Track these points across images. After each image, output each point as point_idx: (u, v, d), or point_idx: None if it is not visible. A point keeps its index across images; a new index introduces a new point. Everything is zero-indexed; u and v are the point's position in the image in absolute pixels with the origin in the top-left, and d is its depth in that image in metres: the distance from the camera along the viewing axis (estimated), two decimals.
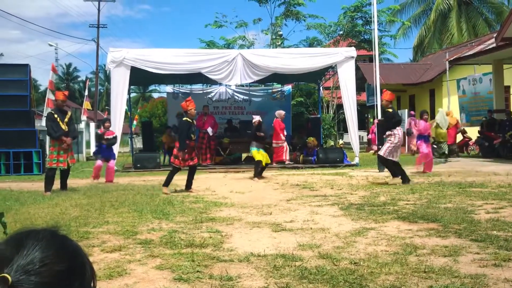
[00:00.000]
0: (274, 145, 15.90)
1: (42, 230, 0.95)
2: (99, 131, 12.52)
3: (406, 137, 23.91)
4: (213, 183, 11.54)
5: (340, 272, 3.86)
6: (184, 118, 9.71)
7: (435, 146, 18.88)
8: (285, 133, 16.37)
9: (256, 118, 12.26)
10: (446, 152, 19.16)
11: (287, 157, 16.27)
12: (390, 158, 10.31)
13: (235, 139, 16.82)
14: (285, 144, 16.31)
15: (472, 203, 7.26)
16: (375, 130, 15.68)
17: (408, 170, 13.29)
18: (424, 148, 12.68)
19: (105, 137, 11.95)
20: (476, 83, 20.19)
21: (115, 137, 12.28)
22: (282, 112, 15.89)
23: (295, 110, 29.09)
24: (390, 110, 10.55)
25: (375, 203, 7.56)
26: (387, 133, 10.36)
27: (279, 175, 13.22)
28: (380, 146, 11.40)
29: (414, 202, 7.63)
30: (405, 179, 10.19)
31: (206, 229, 5.78)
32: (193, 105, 9.79)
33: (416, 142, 12.75)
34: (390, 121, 10.30)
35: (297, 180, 11.60)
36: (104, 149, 12.00)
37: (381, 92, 11.27)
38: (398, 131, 10.28)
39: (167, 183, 9.60)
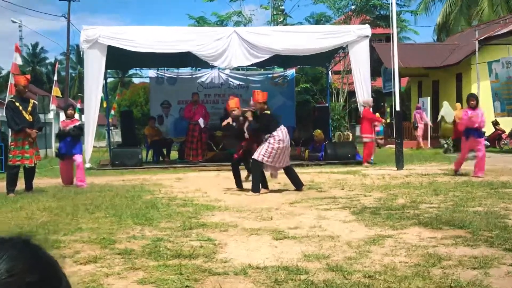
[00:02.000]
0: (364, 139, 15.78)
1: (13, 238, 0.97)
2: (60, 125, 11.44)
3: (413, 130, 24.27)
4: (204, 183, 11.53)
5: (352, 287, 3.87)
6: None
7: (445, 142, 19.23)
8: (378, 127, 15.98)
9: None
10: (451, 148, 19.43)
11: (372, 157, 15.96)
12: (267, 164, 9.60)
13: (230, 132, 16.86)
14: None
15: (505, 207, 7.28)
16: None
17: (432, 168, 13.33)
18: (480, 147, 11.32)
19: (66, 128, 10.99)
20: (510, 66, 20.19)
21: (79, 128, 11.25)
22: (370, 99, 15.77)
23: (299, 98, 29.05)
24: (268, 112, 9.94)
25: (392, 207, 7.58)
26: (266, 136, 9.61)
27: (280, 174, 13.23)
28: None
29: (438, 205, 7.65)
30: (256, 189, 9.55)
31: (196, 237, 5.78)
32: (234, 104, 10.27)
33: (466, 138, 11.40)
34: (270, 124, 9.68)
35: (302, 180, 11.60)
36: (68, 143, 11.07)
37: (253, 95, 10.33)
38: (279, 133, 9.56)
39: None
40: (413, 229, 6.00)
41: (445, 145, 19.59)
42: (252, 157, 9.70)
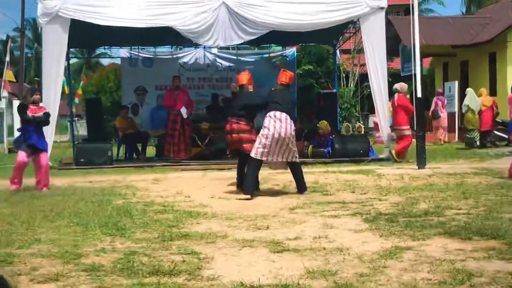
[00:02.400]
0: (397, 132, 15.79)
1: None
2: (29, 113, 10.97)
3: (433, 121, 24.44)
4: (188, 185, 11.53)
5: None
6: None
7: (467, 135, 19.43)
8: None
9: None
10: (478, 141, 19.76)
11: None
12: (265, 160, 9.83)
13: (218, 123, 16.77)
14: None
15: None
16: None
17: (461, 166, 13.37)
18: None
19: (32, 115, 10.85)
20: None
21: (47, 115, 11.14)
22: (405, 85, 15.86)
23: (301, 82, 29.11)
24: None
25: (412, 213, 7.59)
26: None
27: (278, 174, 13.23)
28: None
29: (468, 211, 7.67)
30: (249, 189, 9.71)
31: (177, 250, 5.78)
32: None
33: None
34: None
35: (305, 181, 11.62)
36: (31, 133, 10.84)
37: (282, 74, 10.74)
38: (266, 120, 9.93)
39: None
40: (437, 239, 6.02)
41: (469, 139, 19.82)
42: (250, 155, 9.87)
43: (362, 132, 18.38)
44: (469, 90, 19.77)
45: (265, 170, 14.01)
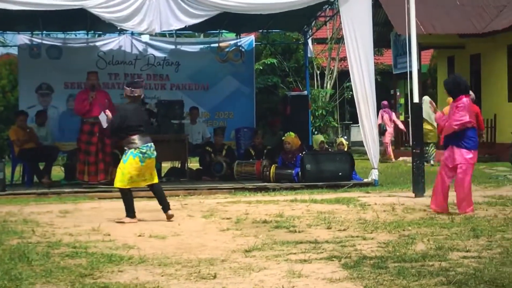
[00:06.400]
0: None
1: None
2: None
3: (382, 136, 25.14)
4: (107, 218, 11.47)
5: None
6: None
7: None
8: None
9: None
10: (432, 159, 20.84)
11: None
12: None
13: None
14: None
15: None
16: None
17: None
18: None
19: None
20: None
21: None
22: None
23: (261, 81, 29.20)
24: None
25: (407, 256, 7.65)
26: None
27: (230, 204, 13.22)
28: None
29: (479, 253, 7.76)
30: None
31: None
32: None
33: None
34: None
35: (265, 213, 11.63)
36: None
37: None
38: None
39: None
40: None
41: (427, 155, 20.51)
42: None
43: (344, 148, 18.50)
44: (425, 99, 20.25)
45: (213, 199, 14.02)
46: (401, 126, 26.00)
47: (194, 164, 18.68)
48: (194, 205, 12.50)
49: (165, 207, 11.26)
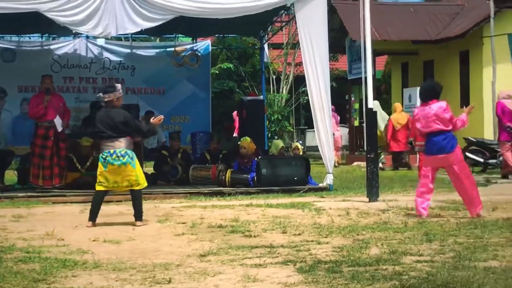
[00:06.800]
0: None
1: None
2: None
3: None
4: (62, 223, 11.37)
5: None
6: None
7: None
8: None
9: None
10: (382, 163, 21.15)
11: None
12: None
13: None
14: None
15: None
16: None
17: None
18: None
19: None
20: None
21: None
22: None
23: (217, 86, 29.15)
24: None
25: (361, 260, 7.68)
26: None
27: (186, 208, 13.19)
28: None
29: (431, 257, 7.83)
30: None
31: None
32: None
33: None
34: None
35: (220, 218, 11.61)
36: None
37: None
38: None
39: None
40: None
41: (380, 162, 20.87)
42: None
43: (300, 152, 18.54)
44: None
45: (168, 204, 13.98)
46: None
47: (149, 168, 18.59)
48: (149, 210, 12.42)
49: (136, 215, 11.24)
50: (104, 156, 11.04)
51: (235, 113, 24.29)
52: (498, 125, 18.31)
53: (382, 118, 20.98)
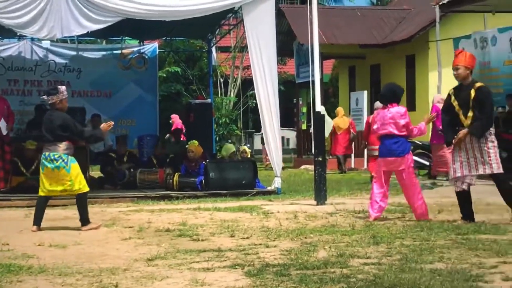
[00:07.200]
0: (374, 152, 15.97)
1: None
2: None
3: None
4: (6, 227, 11.26)
5: None
6: None
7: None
8: None
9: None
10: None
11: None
12: None
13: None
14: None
15: (479, 262, 7.59)
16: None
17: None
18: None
19: None
20: (486, 45, 21.09)
21: None
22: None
23: (165, 89, 29.07)
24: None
25: (309, 263, 7.68)
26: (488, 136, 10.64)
27: (133, 212, 13.10)
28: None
29: (379, 260, 7.85)
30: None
31: None
32: None
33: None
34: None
35: (168, 222, 11.57)
36: None
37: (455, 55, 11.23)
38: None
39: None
40: None
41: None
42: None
43: (247, 155, 18.56)
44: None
45: (115, 208, 13.89)
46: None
47: (95, 172, 18.44)
48: (95, 214, 12.31)
49: (81, 220, 11.08)
50: (42, 158, 10.94)
51: (175, 116, 24.32)
52: (432, 128, 18.49)
53: (326, 123, 21.26)
